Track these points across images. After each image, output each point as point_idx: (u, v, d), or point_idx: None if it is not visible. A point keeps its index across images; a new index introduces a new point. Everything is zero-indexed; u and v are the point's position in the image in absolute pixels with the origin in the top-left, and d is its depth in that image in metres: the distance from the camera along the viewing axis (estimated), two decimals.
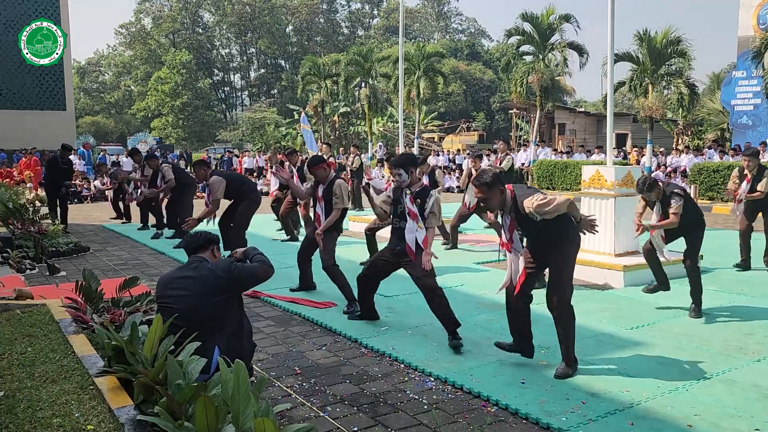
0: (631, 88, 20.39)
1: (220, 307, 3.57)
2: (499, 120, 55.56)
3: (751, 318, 5.51)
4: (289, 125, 47.13)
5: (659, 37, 19.17)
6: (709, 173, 16.12)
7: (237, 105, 71.68)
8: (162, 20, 64.17)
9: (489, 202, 4.22)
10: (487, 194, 4.18)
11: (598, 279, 7.01)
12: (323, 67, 33.82)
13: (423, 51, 28.79)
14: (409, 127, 36.29)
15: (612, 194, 7.37)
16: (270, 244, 9.77)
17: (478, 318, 5.50)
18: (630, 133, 29.76)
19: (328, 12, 73.65)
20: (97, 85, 66.86)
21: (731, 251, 7.84)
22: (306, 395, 3.89)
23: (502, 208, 4.25)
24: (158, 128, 53.89)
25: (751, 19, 21.54)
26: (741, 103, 21.88)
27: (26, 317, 4.70)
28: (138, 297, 4.93)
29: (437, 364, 4.36)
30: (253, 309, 5.91)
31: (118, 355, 3.36)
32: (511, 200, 4.21)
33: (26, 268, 7.77)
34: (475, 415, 3.60)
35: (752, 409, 3.63)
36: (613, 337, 4.99)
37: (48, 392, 3.21)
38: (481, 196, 4.21)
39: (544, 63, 23.21)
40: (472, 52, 66.16)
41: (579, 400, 3.76)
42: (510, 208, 4.21)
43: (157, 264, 8.45)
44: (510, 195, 4.23)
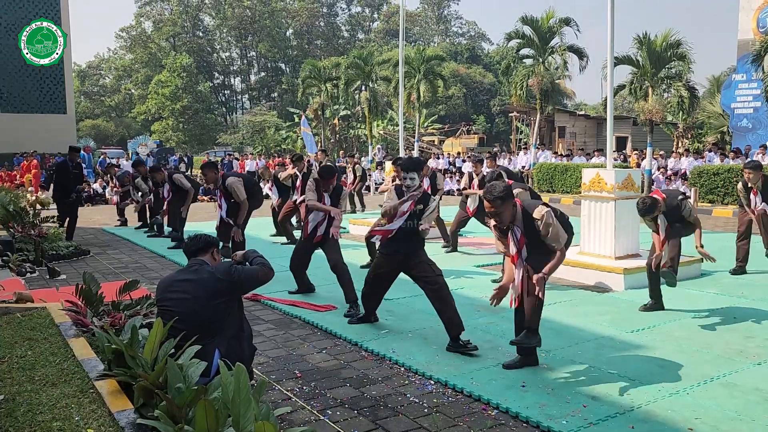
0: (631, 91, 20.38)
1: (220, 310, 3.57)
2: (500, 123, 55.61)
3: (752, 321, 5.50)
4: (289, 128, 47.21)
5: (659, 41, 19.18)
6: (710, 176, 16.12)
7: (237, 108, 71.75)
8: (162, 24, 64.28)
9: (502, 216, 4.14)
10: (500, 208, 4.11)
11: (598, 282, 7.01)
12: (323, 70, 33.87)
13: (423, 54, 28.82)
14: (409, 131, 36.30)
15: (612, 197, 7.37)
16: (270, 246, 9.76)
17: (478, 321, 5.49)
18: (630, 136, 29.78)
19: (329, 15, 73.77)
20: (97, 88, 66.94)
21: (732, 254, 7.83)
22: (306, 399, 3.89)
23: (513, 221, 4.20)
24: (158, 131, 53.93)
25: (750, 22, 21.55)
26: (741, 106, 21.88)
27: (26, 320, 4.70)
28: (138, 300, 4.93)
29: (437, 368, 4.36)
30: (253, 312, 5.91)
31: (118, 358, 3.35)
32: (521, 211, 4.17)
33: (26, 271, 7.77)
34: (475, 419, 3.60)
35: (753, 413, 3.62)
36: (614, 340, 4.99)
37: (48, 396, 3.21)
38: (493, 210, 4.13)
39: (544, 66, 23.22)
40: (472, 56, 66.23)
41: (580, 403, 3.76)
42: (520, 219, 4.18)
43: (158, 267, 8.45)
44: (519, 207, 4.19)
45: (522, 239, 4.18)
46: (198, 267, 3.67)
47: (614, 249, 7.29)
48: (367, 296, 5.42)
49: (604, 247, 7.40)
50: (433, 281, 4.91)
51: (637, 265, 6.81)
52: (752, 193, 7.41)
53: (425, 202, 5.05)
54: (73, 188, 10.25)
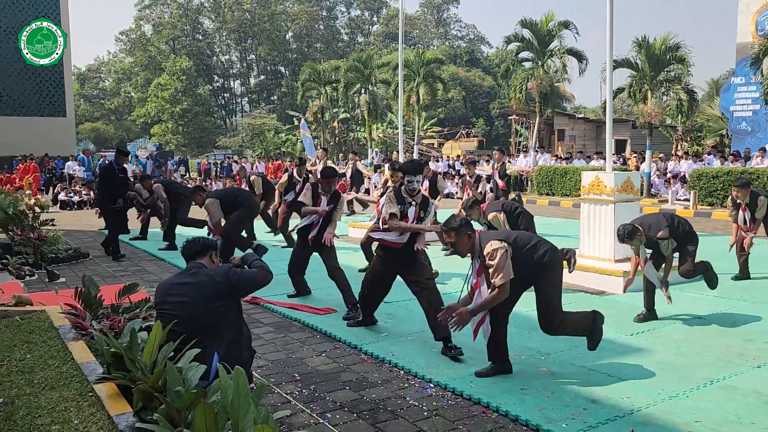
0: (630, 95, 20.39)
1: (219, 313, 3.56)
2: (499, 126, 55.64)
3: (752, 324, 5.50)
4: (288, 131, 47.19)
5: (658, 44, 19.20)
6: (709, 179, 16.13)
7: (237, 111, 71.76)
8: (162, 27, 64.32)
9: (456, 247, 4.29)
10: (454, 239, 4.25)
11: (598, 285, 7.00)
12: (323, 73, 33.87)
13: (422, 57, 28.84)
14: (408, 133, 36.33)
15: (611, 200, 7.37)
16: (270, 249, 9.73)
17: None
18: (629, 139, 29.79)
19: (328, 19, 73.85)
20: (97, 91, 66.96)
21: (731, 257, 7.82)
22: (306, 402, 3.88)
23: (471, 252, 4.29)
24: (158, 134, 53.95)
25: (749, 25, 21.58)
26: (740, 109, 21.90)
27: (25, 324, 4.69)
28: (137, 303, 4.93)
29: (437, 371, 4.36)
30: (252, 315, 5.91)
31: (117, 361, 3.35)
32: (479, 245, 4.25)
33: (26, 274, 7.77)
34: (475, 422, 3.59)
35: (753, 416, 3.62)
36: (614, 343, 4.99)
37: (47, 399, 3.20)
38: (450, 240, 4.28)
39: (543, 69, 23.24)
40: (472, 59, 66.32)
41: (580, 406, 3.76)
42: (477, 252, 4.25)
43: (157, 270, 8.44)
44: (478, 240, 4.27)
45: (480, 269, 4.26)
46: (197, 270, 3.67)
47: (614, 252, 7.29)
48: (365, 298, 5.43)
49: (603, 250, 7.40)
50: (424, 285, 5.01)
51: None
52: (741, 210, 7.44)
53: (425, 207, 5.12)
54: (119, 194, 9.47)
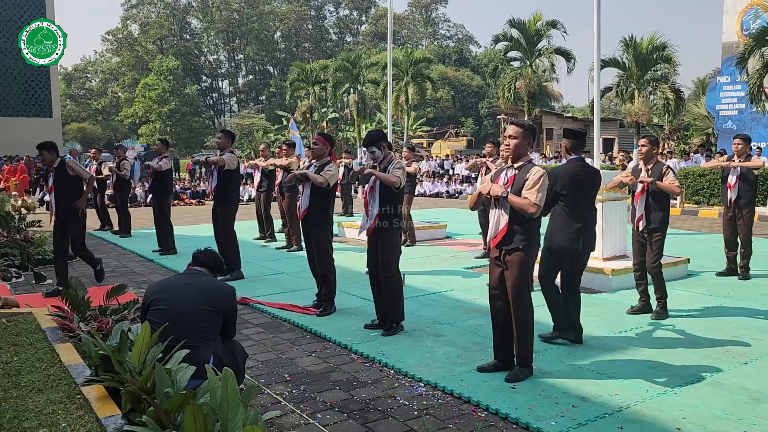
0: (617, 94, 20.56)
1: (213, 317, 3.59)
2: (488, 125, 55.85)
3: (738, 321, 5.55)
4: (277, 131, 47.06)
5: (645, 43, 19.36)
6: (695, 177, 16.27)
7: (225, 111, 71.51)
8: (149, 27, 63.97)
9: (516, 144, 4.19)
10: (519, 138, 4.18)
11: (586, 283, 7.03)
12: (312, 73, 33.84)
13: (411, 57, 28.91)
14: (397, 133, 36.37)
15: (600, 198, 7.39)
16: (260, 250, 9.72)
17: (467, 323, 5.50)
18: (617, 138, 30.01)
19: (317, 18, 73.78)
20: (83, 91, 66.47)
21: (718, 255, 7.90)
22: (296, 402, 3.87)
23: (516, 159, 4.23)
24: (146, 135, 53.62)
25: (734, 25, 21.79)
26: (726, 108, 22.11)
27: (12, 326, 4.65)
28: (125, 305, 4.90)
29: (427, 370, 4.36)
30: (242, 316, 5.87)
31: (105, 363, 3.33)
32: (527, 160, 4.23)
33: (12, 276, 7.70)
34: (465, 421, 3.60)
35: (740, 412, 3.66)
36: (602, 341, 5.01)
37: (34, 402, 3.17)
38: (512, 136, 4.20)
39: (531, 69, 23.36)
40: (460, 58, 66.51)
41: (569, 404, 3.77)
42: (520, 164, 4.22)
43: (145, 271, 8.39)
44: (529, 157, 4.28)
45: (511, 180, 4.20)
46: (199, 274, 3.76)
47: (602, 250, 7.32)
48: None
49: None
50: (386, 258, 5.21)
51: (625, 266, 6.85)
52: (728, 188, 7.47)
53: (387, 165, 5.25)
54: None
